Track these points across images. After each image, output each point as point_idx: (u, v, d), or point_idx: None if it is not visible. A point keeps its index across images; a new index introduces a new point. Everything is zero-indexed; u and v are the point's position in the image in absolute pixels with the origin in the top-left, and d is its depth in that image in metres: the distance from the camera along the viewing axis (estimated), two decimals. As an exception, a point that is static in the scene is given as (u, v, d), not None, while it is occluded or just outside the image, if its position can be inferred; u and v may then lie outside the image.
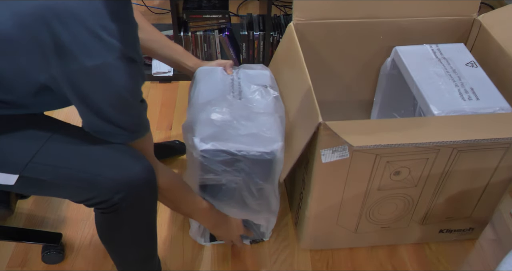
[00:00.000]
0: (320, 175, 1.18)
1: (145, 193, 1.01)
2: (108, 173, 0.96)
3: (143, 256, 1.17)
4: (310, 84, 1.15)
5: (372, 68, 1.56)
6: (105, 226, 1.07)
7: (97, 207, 1.01)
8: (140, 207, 1.02)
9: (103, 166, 0.96)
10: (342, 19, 1.42)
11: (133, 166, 0.97)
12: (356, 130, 1.04)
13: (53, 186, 0.98)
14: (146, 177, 0.99)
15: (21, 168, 0.95)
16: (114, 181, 0.95)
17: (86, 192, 0.98)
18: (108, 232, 1.09)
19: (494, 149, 1.17)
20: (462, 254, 1.42)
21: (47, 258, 1.35)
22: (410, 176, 1.21)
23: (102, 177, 0.95)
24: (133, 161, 0.98)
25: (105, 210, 0.99)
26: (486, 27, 1.39)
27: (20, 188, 0.98)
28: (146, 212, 1.06)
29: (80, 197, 1.00)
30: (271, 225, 1.37)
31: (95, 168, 0.96)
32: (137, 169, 0.97)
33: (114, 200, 0.96)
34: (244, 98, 1.23)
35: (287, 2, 2.37)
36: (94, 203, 0.99)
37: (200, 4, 1.94)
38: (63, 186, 0.98)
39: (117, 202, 0.96)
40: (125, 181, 0.96)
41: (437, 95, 1.22)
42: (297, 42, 1.30)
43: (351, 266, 1.38)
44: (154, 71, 1.99)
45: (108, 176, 0.95)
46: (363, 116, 1.70)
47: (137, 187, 0.97)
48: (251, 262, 1.39)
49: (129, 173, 0.96)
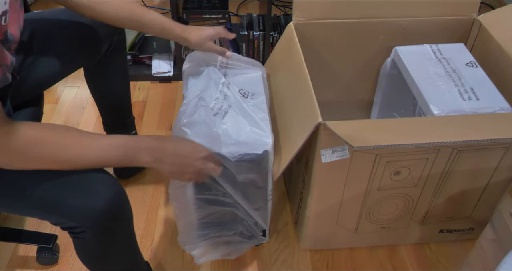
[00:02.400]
0: (320, 175, 1.18)
1: (112, 221, 0.95)
2: (71, 201, 0.91)
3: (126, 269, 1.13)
4: (310, 84, 1.15)
5: (372, 68, 1.56)
6: (79, 249, 1.03)
7: (68, 231, 0.97)
8: (110, 234, 0.97)
9: (68, 192, 0.92)
10: (342, 19, 1.42)
11: (99, 194, 0.92)
12: (356, 130, 1.04)
13: (25, 210, 0.97)
14: (114, 204, 0.93)
15: None
16: (78, 209, 0.91)
17: (54, 218, 0.95)
18: (83, 255, 1.06)
19: (494, 149, 1.17)
20: (462, 254, 1.42)
21: (41, 260, 1.35)
22: (410, 176, 1.21)
23: (64, 205, 0.91)
24: (102, 188, 0.93)
25: (76, 235, 0.96)
26: (486, 27, 1.39)
27: None
28: (119, 236, 1.01)
29: (52, 221, 0.97)
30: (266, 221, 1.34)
31: (60, 195, 0.92)
32: (104, 196, 0.92)
33: (81, 227, 0.92)
34: (232, 107, 1.22)
35: (287, 2, 2.37)
36: (65, 228, 0.96)
37: (200, 4, 1.94)
38: (33, 212, 0.96)
39: (84, 230, 0.93)
40: (89, 210, 0.91)
41: (437, 95, 1.22)
42: (297, 42, 1.30)
43: (351, 266, 1.38)
44: (154, 71, 1.99)
45: (72, 204, 0.91)
46: (363, 116, 1.70)
47: (103, 216, 0.92)
48: (251, 262, 1.39)
49: (94, 201, 0.91)
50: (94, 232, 0.93)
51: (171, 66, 2.02)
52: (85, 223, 0.92)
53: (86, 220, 0.92)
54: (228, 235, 1.32)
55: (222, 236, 1.32)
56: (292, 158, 1.12)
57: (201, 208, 1.22)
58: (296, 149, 1.10)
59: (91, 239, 0.95)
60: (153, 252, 1.40)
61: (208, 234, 1.31)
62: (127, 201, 0.98)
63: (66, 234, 0.99)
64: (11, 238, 1.40)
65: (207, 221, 1.27)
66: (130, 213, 1.00)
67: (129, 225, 1.04)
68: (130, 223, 1.03)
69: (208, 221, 1.27)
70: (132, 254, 1.12)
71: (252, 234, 1.32)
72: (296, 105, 1.21)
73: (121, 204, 0.96)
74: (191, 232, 1.28)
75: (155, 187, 1.58)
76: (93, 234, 0.94)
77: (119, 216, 0.97)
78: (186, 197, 1.18)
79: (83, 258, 1.07)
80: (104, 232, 0.95)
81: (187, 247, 1.31)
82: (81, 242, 0.98)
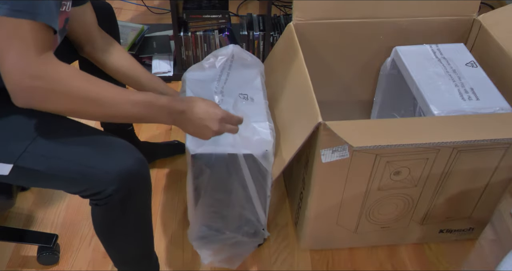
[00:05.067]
0: (320, 175, 1.18)
1: (137, 185, 1.01)
2: (100, 165, 0.96)
3: (138, 252, 1.17)
4: (310, 84, 1.15)
5: (372, 68, 1.56)
6: (99, 218, 1.07)
7: (91, 199, 1.01)
8: (133, 199, 1.02)
9: (96, 157, 0.97)
10: (342, 19, 1.42)
11: (126, 158, 0.97)
12: (356, 130, 1.04)
13: (47, 177, 0.98)
14: (138, 169, 0.99)
15: (15, 157, 0.95)
16: (107, 173, 0.95)
17: (79, 183, 0.98)
18: (102, 224, 1.09)
19: (494, 149, 1.17)
20: (462, 254, 1.42)
21: (42, 259, 1.35)
22: (410, 176, 1.21)
23: (94, 169, 0.95)
24: (126, 154, 0.98)
25: (99, 201, 0.99)
26: (486, 27, 1.39)
27: (14, 179, 0.98)
28: (140, 205, 1.06)
29: (74, 188, 1.00)
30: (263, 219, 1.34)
31: (88, 160, 0.96)
32: (130, 161, 0.97)
33: (107, 191, 0.96)
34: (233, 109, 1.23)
35: (287, 2, 2.37)
36: (88, 195, 0.99)
37: (200, 4, 1.94)
38: (57, 177, 0.98)
39: (110, 193, 0.97)
40: (117, 173, 0.95)
41: (437, 95, 1.22)
42: (297, 42, 1.30)
43: (351, 266, 1.38)
44: (154, 71, 1.99)
45: (100, 168, 0.95)
46: (363, 116, 1.70)
47: (130, 179, 0.97)
48: (251, 262, 1.39)
49: (122, 165, 0.96)
50: (119, 195, 0.97)
51: (171, 66, 2.02)
52: (111, 186, 0.96)
53: (113, 182, 0.95)
54: (233, 237, 1.34)
55: (228, 237, 1.34)
56: (292, 158, 1.12)
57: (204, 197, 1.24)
58: (296, 149, 1.11)
59: (115, 204, 0.99)
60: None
61: (214, 230, 1.33)
62: (147, 168, 1.02)
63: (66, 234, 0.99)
64: (11, 237, 1.40)
65: (212, 213, 1.29)
66: (150, 182, 1.04)
67: (149, 195, 1.07)
68: (150, 193, 1.07)
69: (212, 214, 1.29)
70: (149, 232, 1.15)
71: (255, 230, 1.33)
72: (296, 105, 1.21)
73: (144, 169, 1.00)
74: (196, 225, 1.31)
75: (155, 187, 1.58)
76: (119, 197, 0.97)
77: (142, 180, 1.01)
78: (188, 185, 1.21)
79: (102, 229, 1.09)
80: (128, 196, 0.99)
81: (195, 243, 1.33)
82: (104, 208, 1.01)
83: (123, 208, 1.02)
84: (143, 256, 1.19)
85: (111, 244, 1.14)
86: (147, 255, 1.20)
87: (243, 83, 1.30)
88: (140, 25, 2.10)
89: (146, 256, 1.20)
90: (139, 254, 1.18)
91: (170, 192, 1.57)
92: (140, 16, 2.38)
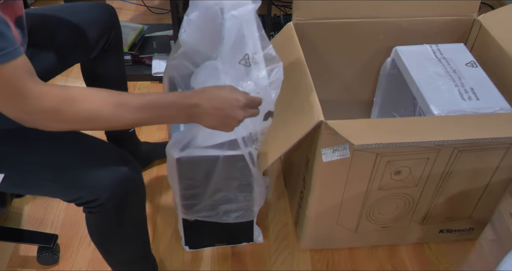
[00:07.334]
0: (321, 174, 1.18)
1: (131, 192, 1.00)
2: (93, 174, 0.95)
3: (134, 256, 1.17)
4: (311, 83, 1.15)
5: (372, 68, 1.56)
6: (94, 226, 1.07)
7: (85, 207, 1.01)
8: (127, 206, 1.02)
9: (88, 166, 0.96)
10: (342, 19, 1.42)
11: (118, 166, 0.97)
12: (357, 129, 1.04)
13: (39, 186, 0.98)
14: (131, 177, 0.99)
15: (7, 166, 0.94)
16: (99, 182, 0.95)
17: (72, 192, 0.98)
18: (97, 232, 1.09)
19: (495, 149, 1.17)
20: (462, 254, 1.42)
21: (42, 259, 1.35)
22: (411, 176, 1.21)
23: (86, 178, 0.95)
24: (119, 162, 0.98)
25: (92, 209, 0.99)
26: (486, 27, 1.39)
27: (6, 187, 0.97)
28: (134, 211, 1.06)
29: (67, 197, 1.00)
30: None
31: (80, 168, 0.95)
32: (122, 169, 0.97)
33: (100, 200, 0.96)
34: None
35: (287, 2, 2.37)
36: (81, 203, 0.99)
37: (200, 4, 1.93)
38: (49, 186, 0.98)
39: (103, 202, 0.96)
40: (110, 182, 0.95)
41: (437, 95, 1.22)
42: (297, 41, 1.30)
43: (351, 266, 1.38)
44: (154, 71, 1.99)
45: (93, 177, 0.95)
46: (363, 116, 1.70)
47: (123, 188, 0.97)
48: (251, 262, 1.39)
49: (114, 173, 0.96)
50: (113, 203, 0.97)
51: (171, 66, 2.02)
52: (105, 194, 0.95)
53: (106, 191, 0.95)
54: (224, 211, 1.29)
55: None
56: (284, 152, 1.10)
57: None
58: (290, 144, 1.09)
59: (109, 212, 0.98)
60: (153, 252, 1.39)
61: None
62: (140, 173, 1.02)
63: (66, 234, 0.99)
64: (11, 237, 1.40)
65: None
66: (143, 187, 1.04)
67: (143, 202, 1.08)
68: (144, 200, 1.07)
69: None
70: (144, 235, 1.15)
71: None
72: (297, 104, 1.20)
73: (136, 175, 1.01)
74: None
75: (155, 186, 1.58)
76: (112, 205, 0.97)
77: (135, 187, 1.02)
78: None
79: (97, 236, 1.09)
80: (122, 203, 0.99)
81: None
82: (98, 216, 1.01)
83: (117, 215, 1.01)
84: (138, 258, 1.19)
85: (107, 250, 1.14)
86: (143, 257, 1.20)
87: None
88: (140, 25, 2.09)
89: (142, 258, 1.20)
90: (135, 257, 1.18)
91: (170, 191, 1.57)
92: (140, 16, 2.38)
